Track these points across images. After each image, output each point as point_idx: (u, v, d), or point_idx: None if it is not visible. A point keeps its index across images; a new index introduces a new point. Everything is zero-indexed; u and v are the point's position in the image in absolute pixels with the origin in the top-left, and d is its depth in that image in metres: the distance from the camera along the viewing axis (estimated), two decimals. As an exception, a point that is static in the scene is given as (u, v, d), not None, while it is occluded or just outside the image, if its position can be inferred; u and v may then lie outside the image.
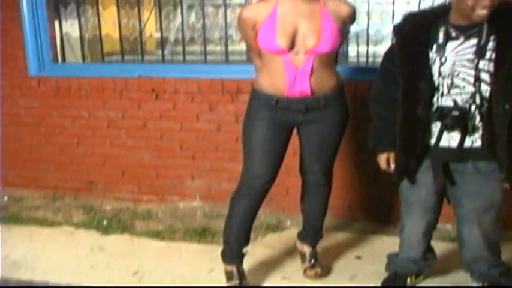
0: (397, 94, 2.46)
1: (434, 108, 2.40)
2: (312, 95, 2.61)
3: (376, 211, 3.65)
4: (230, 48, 4.03)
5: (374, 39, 3.82)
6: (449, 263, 3.04)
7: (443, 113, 2.37)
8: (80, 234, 3.68)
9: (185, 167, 3.96)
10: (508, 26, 2.28)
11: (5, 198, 4.28)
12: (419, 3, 3.57)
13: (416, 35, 2.41)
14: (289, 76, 2.57)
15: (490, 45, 2.30)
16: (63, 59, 4.20)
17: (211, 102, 3.79)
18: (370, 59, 3.77)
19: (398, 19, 2.55)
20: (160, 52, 4.19)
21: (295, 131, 2.81)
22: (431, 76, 2.39)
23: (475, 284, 2.77)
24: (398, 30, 2.49)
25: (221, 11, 4.17)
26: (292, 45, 2.54)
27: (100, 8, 4.09)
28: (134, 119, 3.98)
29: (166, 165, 4.00)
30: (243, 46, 4.19)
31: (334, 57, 2.70)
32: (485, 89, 2.33)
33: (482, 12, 2.22)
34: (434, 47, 2.38)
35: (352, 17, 2.66)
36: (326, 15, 2.55)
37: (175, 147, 3.95)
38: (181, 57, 4.03)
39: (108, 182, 4.16)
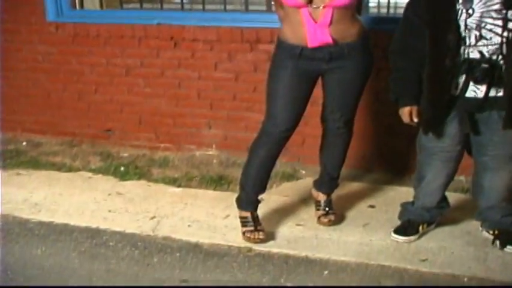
0: (422, 46, 2.47)
1: (461, 60, 2.43)
2: (334, 44, 2.65)
3: (391, 162, 3.71)
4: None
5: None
6: (460, 213, 3.12)
7: (471, 66, 2.40)
8: (98, 180, 3.79)
9: (202, 115, 4.02)
10: None
11: (24, 143, 4.38)
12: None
13: None
14: (309, 29, 2.62)
15: None
16: (81, 5, 4.22)
17: (230, 51, 3.82)
18: (391, 10, 3.78)
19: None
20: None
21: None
22: (459, 28, 2.40)
23: (484, 233, 2.86)
24: None
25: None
26: (311, 0, 2.58)
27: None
28: (152, 66, 4.02)
29: (184, 113, 4.06)
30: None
31: (354, 9, 2.71)
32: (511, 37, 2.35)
33: None
34: None
35: None
36: None
37: (193, 96, 4.00)
38: (200, 6, 4.04)
39: (126, 129, 4.24)
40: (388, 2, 3.72)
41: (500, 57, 2.38)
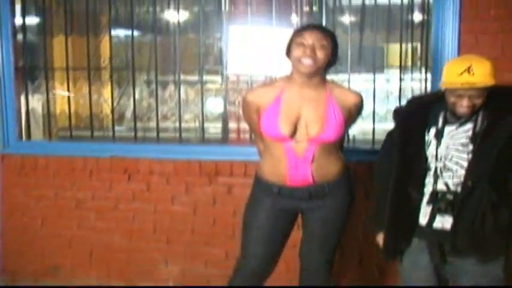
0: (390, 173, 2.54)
1: (426, 191, 2.47)
2: (314, 183, 2.65)
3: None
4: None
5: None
6: None
7: (436, 196, 2.44)
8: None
9: (158, 250, 3.90)
10: (499, 109, 2.38)
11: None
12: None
13: (414, 117, 2.52)
14: (289, 164, 2.62)
15: (485, 129, 2.38)
16: (29, 136, 4.15)
17: (187, 184, 3.81)
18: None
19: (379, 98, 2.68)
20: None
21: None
22: (426, 158, 2.47)
23: None
24: (397, 111, 2.61)
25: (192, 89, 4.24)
26: (294, 132, 2.59)
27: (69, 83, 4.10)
28: (105, 200, 3.94)
29: (138, 248, 3.93)
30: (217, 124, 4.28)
31: (338, 144, 2.74)
32: (476, 172, 2.39)
33: (463, 110, 2.34)
34: (432, 130, 2.47)
35: (359, 107, 2.72)
36: (331, 102, 2.61)
37: (148, 230, 3.90)
38: (153, 135, 4.05)
39: (74, 266, 4.05)
40: (373, 134, 3.78)
41: (464, 190, 2.40)
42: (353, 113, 2.72)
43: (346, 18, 3.95)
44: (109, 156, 3.87)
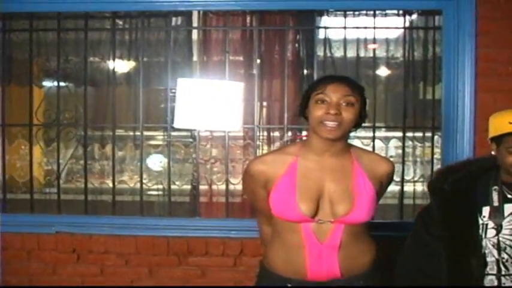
0: (437, 272, 2.14)
1: None
2: (342, 276, 2.16)
3: None
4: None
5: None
6: None
7: None
8: None
9: None
10: None
11: None
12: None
13: (460, 195, 2.16)
14: (310, 252, 2.13)
15: None
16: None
17: (151, 266, 3.41)
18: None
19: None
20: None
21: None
22: (484, 249, 2.09)
23: None
24: (436, 189, 2.22)
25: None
26: (316, 212, 2.14)
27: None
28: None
29: None
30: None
31: (368, 225, 2.27)
32: None
33: None
34: (486, 210, 2.11)
35: (390, 177, 2.31)
36: (360, 173, 2.18)
37: (102, 324, 3.43)
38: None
39: None
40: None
41: None
42: (384, 185, 2.30)
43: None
44: (54, 232, 3.44)
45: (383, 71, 3.75)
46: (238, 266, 3.33)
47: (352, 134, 2.29)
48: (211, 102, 3.30)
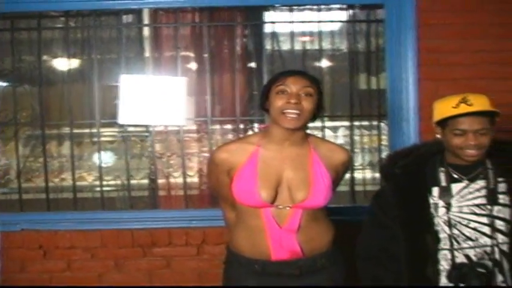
0: (396, 251, 2.27)
1: (447, 266, 2.21)
2: (304, 255, 2.33)
3: None
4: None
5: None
6: None
7: (462, 272, 2.16)
8: None
9: None
10: (508, 159, 2.22)
11: None
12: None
13: (411, 178, 2.28)
14: (272, 236, 2.29)
15: (501, 187, 2.20)
16: None
17: (117, 259, 3.49)
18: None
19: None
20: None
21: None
22: (437, 226, 2.22)
23: None
24: (388, 173, 2.36)
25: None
26: (275, 198, 2.29)
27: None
28: (14, 282, 3.49)
29: None
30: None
31: (326, 208, 2.43)
32: (503, 240, 2.18)
33: (470, 151, 2.15)
34: (436, 190, 2.24)
35: (347, 166, 2.47)
36: (317, 162, 2.33)
37: (70, 318, 3.51)
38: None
39: None
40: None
41: (491, 263, 2.17)
42: (340, 173, 2.47)
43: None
44: (19, 229, 3.47)
45: (329, 63, 3.94)
46: (201, 255, 3.44)
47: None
48: (154, 97, 3.44)
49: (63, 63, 3.79)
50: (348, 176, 3.54)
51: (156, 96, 3.44)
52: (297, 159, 2.33)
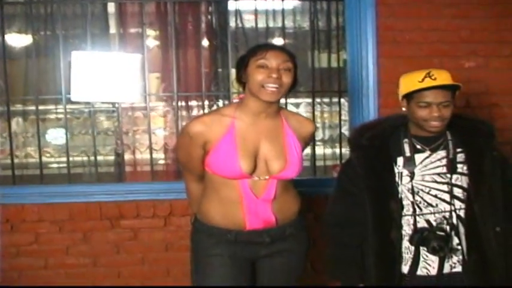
0: (362, 217, 2.40)
1: (409, 231, 2.36)
2: (276, 224, 2.44)
3: None
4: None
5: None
6: None
7: (423, 236, 2.31)
8: None
9: (51, 313, 3.55)
10: (472, 138, 2.38)
11: None
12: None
13: (377, 149, 2.41)
14: (248, 206, 2.38)
15: (459, 157, 2.35)
16: None
17: (85, 231, 3.54)
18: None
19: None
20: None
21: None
22: (401, 194, 2.36)
23: None
24: (356, 144, 2.47)
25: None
26: (253, 169, 2.37)
27: None
28: (-20, 256, 3.50)
29: (25, 314, 3.55)
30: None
31: (292, 179, 2.54)
32: (460, 206, 2.36)
33: (434, 122, 2.28)
34: (400, 160, 2.37)
35: (312, 136, 2.60)
36: (290, 134, 2.44)
37: (38, 288, 3.54)
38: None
39: None
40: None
41: (448, 227, 2.34)
42: (307, 143, 2.61)
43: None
44: None
45: (291, 40, 4.05)
46: (168, 226, 3.51)
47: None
48: (107, 74, 3.46)
49: (27, 39, 3.79)
50: (308, 150, 3.69)
51: (109, 73, 3.46)
52: (272, 130, 2.41)
